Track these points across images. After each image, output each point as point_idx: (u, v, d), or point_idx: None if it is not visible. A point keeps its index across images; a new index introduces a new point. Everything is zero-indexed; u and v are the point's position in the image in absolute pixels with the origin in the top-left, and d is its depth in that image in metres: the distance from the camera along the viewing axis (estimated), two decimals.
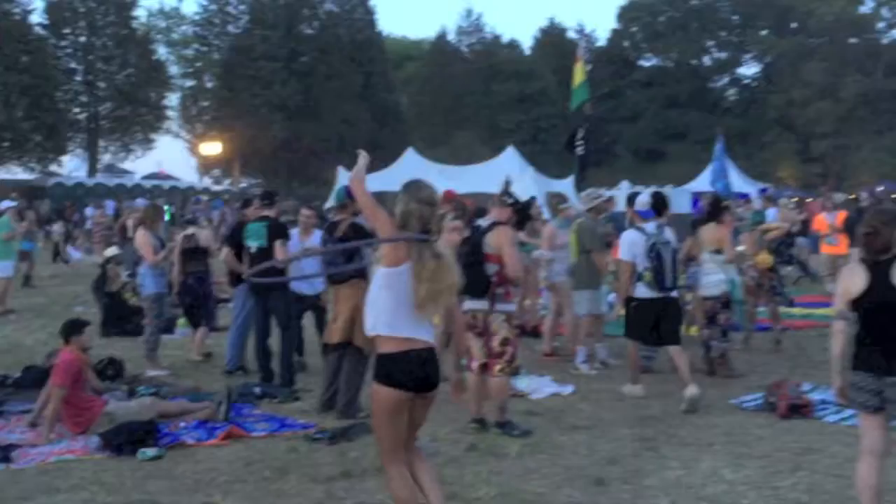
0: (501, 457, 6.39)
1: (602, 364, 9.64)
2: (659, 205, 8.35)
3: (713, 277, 9.02)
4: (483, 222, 7.47)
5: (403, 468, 4.41)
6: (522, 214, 9.29)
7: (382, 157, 36.93)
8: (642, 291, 8.12)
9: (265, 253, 8.71)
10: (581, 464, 6.21)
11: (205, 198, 26.17)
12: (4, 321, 13.47)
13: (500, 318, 7.04)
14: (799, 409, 7.40)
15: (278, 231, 8.82)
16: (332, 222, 8.06)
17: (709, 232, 9.14)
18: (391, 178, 18.33)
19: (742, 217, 13.80)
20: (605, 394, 8.39)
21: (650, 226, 8.28)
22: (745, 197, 21.31)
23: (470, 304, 7.06)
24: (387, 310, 4.31)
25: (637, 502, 5.47)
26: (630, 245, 8.20)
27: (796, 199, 28.14)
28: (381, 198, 5.04)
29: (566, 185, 32.78)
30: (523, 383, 8.50)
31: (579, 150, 13.05)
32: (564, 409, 7.79)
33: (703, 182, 34.32)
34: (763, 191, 19.89)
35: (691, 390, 7.71)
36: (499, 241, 7.06)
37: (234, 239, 9.61)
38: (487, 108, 56.65)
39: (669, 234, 8.28)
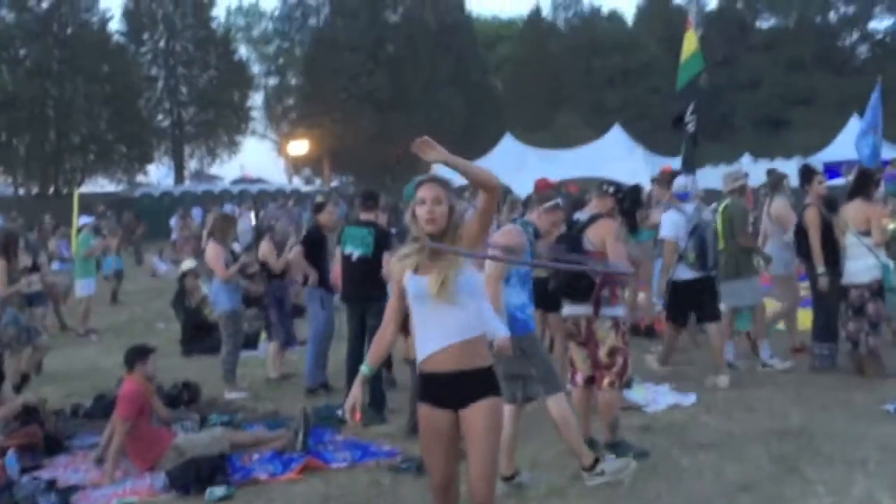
0: (613, 485, 5.85)
1: (728, 366, 9.02)
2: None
3: (860, 262, 8.28)
4: (582, 216, 6.92)
5: None
6: (629, 203, 8.78)
7: (479, 145, 36.67)
8: (684, 272, 8.50)
9: (370, 263, 8.33)
10: (707, 492, 5.63)
11: (287, 202, 26.15)
12: (86, 342, 13.60)
13: (606, 325, 6.51)
14: None
15: (386, 239, 8.42)
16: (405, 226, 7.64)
17: (854, 209, 8.39)
18: (489, 166, 17.89)
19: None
20: (735, 403, 7.73)
21: (689, 206, 8.72)
22: (885, 164, 20.07)
23: (570, 309, 6.57)
24: None
25: None
26: (673, 225, 8.57)
27: None
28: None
29: (678, 164, 31.85)
30: (638, 394, 7.93)
31: (690, 127, 12.29)
32: (686, 424, 7.17)
33: (834, 151, 32.78)
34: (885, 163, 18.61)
35: (721, 380, 8.25)
36: (601, 235, 6.53)
37: (310, 240, 9.37)
38: (589, 86, 55.69)
39: (708, 214, 8.79)
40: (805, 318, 10.49)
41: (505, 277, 5.77)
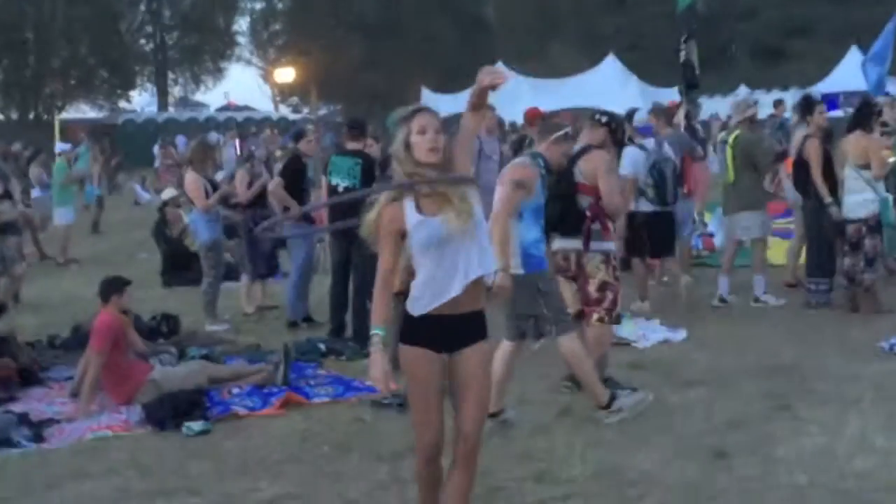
0: (601, 423, 5.76)
1: (721, 301, 8.93)
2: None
3: (858, 197, 8.13)
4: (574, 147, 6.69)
5: None
6: (622, 134, 8.59)
7: (470, 74, 35.97)
8: (643, 205, 8.75)
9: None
10: (697, 430, 5.55)
11: (268, 131, 25.72)
12: (65, 272, 13.44)
13: (596, 259, 6.35)
14: None
15: (373, 170, 8.19)
16: (386, 156, 7.45)
17: (853, 142, 8.21)
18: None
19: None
20: (727, 339, 7.64)
21: (650, 142, 8.98)
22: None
23: (560, 243, 6.42)
24: None
25: (767, 480, 4.79)
26: (632, 161, 8.72)
27: None
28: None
29: (675, 94, 31.54)
30: (627, 329, 7.81)
31: (682, 55, 12.05)
32: (676, 361, 7.08)
33: (832, 82, 32.51)
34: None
35: (642, 306, 8.77)
36: (593, 167, 6.34)
37: (289, 171, 9.16)
38: (582, 13, 54.68)
39: (669, 150, 8.91)
40: (780, 250, 10.42)
41: (518, 213, 5.62)
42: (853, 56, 35.53)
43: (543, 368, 6.86)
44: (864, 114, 8.37)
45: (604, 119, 6.66)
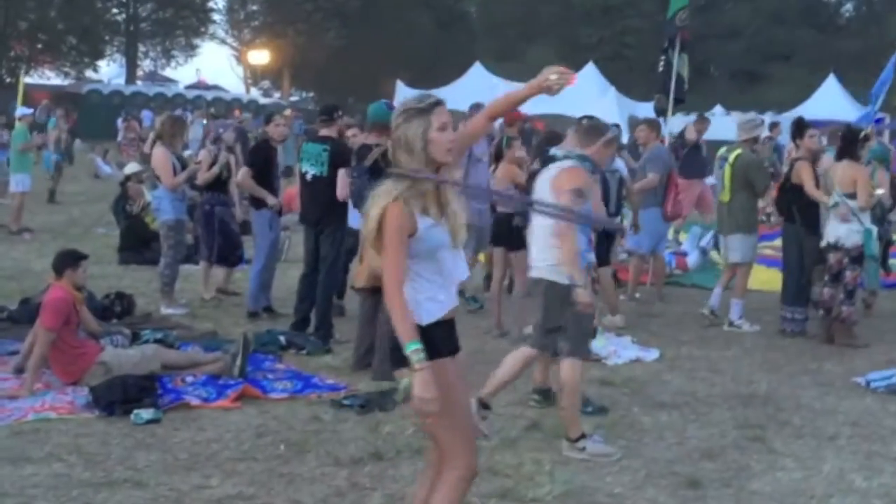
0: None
1: (711, 314, 8.91)
2: None
3: (843, 226, 8.03)
4: (557, 151, 6.52)
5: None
6: None
7: (447, 71, 35.98)
8: None
9: (323, 182, 7.91)
10: (669, 456, 5.41)
11: (242, 115, 25.29)
12: (18, 241, 13.06)
13: None
14: None
15: (342, 156, 7.92)
16: (362, 146, 7.25)
17: (842, 170, 8.13)
18: (455, 95, 17.41)
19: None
20: (700, 362, 7.53)
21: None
22: (878, 122, 19.81)
23: None
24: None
25: None
26: None
27: None
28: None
29: (651, 109, 31.60)
30: (598, 345, 7.66)
31: (661, 66, 11.91)
32: (648, 381, 6.95)
33: (809, 109, 32.68)
34: (878, 121, 18.43)
35: (614, 320, 8.58)
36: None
37: (257, 158, 8.92)
38: (566, 19, 54.71)
39: (620, 163, 8.95)
40: (770, 278, 10.35)
41: None
42: (830, 84, 35.90)
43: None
44: (851, 142, 8.30)
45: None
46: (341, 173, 7.77)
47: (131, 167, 13.10)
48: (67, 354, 6.53)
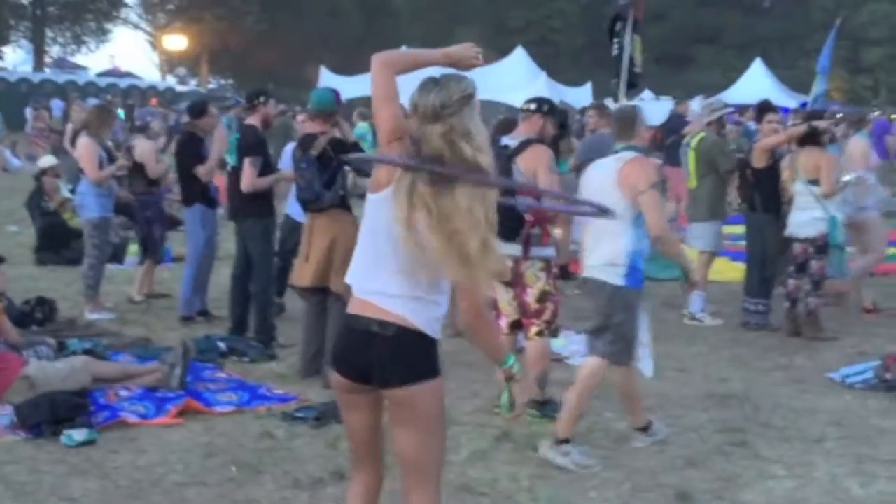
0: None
1: (693, 319, 8.67)
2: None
3: (807, 214, 7.89)
4: (510, 141, 6.21)
5: (356, 488, 3.41)
6: (561, 127, 8.19)
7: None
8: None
9: (238, 173, 7.57)
10: (652, 465, 5.15)
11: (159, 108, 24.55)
12: None
13: (536, 267, 5.92)
14: None
15: (248, 145, 7.52)
16: (307, 135, 6.88)
17: (805, 156, 7.99)
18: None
19: None
20: (666, 360, 7.25)
21: None
22: (786, 112, 20.03)
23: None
24: (358, 251, 3.27)
25: None
26: None
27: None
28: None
29: (583, 94, 31.58)
30: (558, 343, 7.38)
31: (615, 49, 11.69)
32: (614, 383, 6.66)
33: (736, 93, 32.98)
34: (803, 105, 18.60)
35: None
36: (534, 164, 5.89)
37: (186, 147, 8.42)
38: (492, 2, 54.57)
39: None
40: (729, 269, 10.21)
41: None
42: (757, 68, 36.34)
43: (473, 386, 6.41)
44: (815, 127, 8.17)
45: (533, 106, 6.16)
46: (246, 162, 7.40)
47: (47, 160, 12.45)
48: None
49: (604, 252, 5.21)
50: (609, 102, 15.92)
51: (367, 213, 3.22)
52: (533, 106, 6.15)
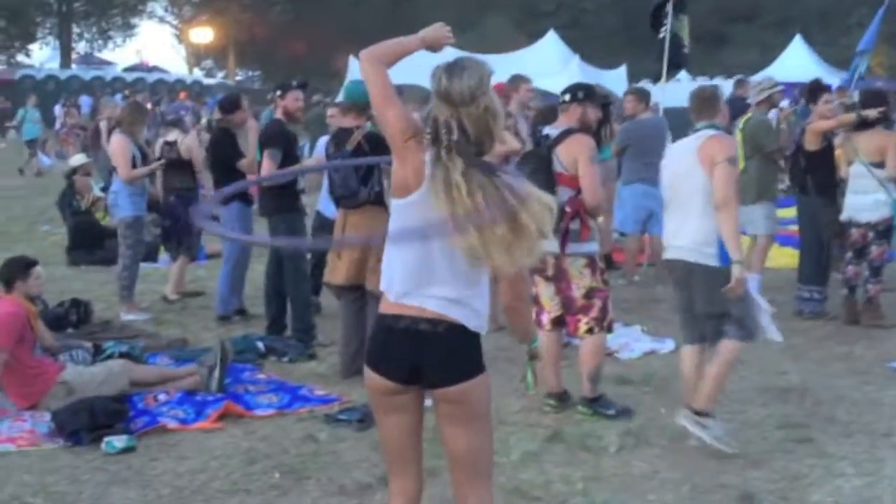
0: (598, 452, 5.19)
1: None
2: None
3: (868, 198, 7.64)
4: (552, 130, 6.04)
5: (397, 501, 3.34)
6: (604, 115, 7.98)
7: None
8: None
9: (260, 167, 7.54)
10: (711, 465, 4.99)
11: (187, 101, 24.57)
12: None
13: (579, 263, 5.76)
14: None
15: (267, 137, 7.47)
16: (341, 129, 6.77)
17: (868, 137, 7.74)
18: (408, 69, 16.84)
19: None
20: None
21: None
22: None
23: None
24: (390, 257, 3.24)
25: None
26: None
27: None
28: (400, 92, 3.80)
29: (618, 76, 31.20)
30: (608, 338, 7.22)
31: (663, 32, 11.57)
32: (668, 377, 6.45)
33: (775, 72, 32.51)
34: (847, 83, 18.15)
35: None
36: (574, 154, 5.73)
37: (218, 146, 8.35)
38: None
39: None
40: (780, 255, 9.98)
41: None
42: (797, 45, 35.75)
43: (516, 383, 6.25)
44: (881, 106, 7.88)
45: (567, 97, 5.99)
46: (265, 155, 7.35)
47: (78, 158, 12.46)
48: (23, 375, 5.98)
49: (691, 233, 5.16)
50: (647, 85, 15.74)
51: (396, 218, 3.19)
52: (567, 97, 6.00)
